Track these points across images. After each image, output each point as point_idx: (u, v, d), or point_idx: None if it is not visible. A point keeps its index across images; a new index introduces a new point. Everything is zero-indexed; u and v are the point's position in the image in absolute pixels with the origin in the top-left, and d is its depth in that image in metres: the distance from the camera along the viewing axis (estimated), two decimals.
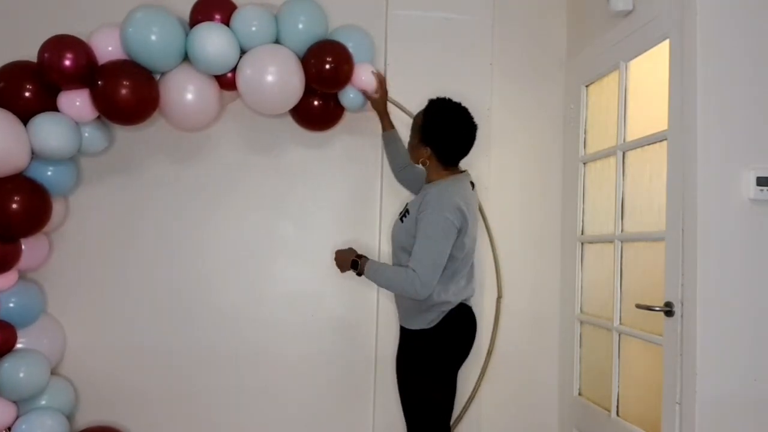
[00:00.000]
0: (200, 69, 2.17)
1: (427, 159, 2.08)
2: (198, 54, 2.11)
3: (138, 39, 2.07)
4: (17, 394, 2.14)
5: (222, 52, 2.12)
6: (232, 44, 2.15)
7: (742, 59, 1.74)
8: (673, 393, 1.78)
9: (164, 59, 2.15)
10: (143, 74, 2.13)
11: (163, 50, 2.11)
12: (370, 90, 2.34)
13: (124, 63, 2.11)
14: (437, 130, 2.06)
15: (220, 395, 2.52)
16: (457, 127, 2.07)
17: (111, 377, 2.47)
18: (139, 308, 2.49)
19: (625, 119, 2.20)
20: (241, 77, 2.18)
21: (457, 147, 2.09)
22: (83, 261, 2.47)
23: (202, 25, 2.13)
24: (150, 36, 2.07)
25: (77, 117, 2.14)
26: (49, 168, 2.18)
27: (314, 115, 2.43)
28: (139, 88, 2.10)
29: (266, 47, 2.20)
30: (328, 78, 2.25)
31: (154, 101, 2.17)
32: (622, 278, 2.18)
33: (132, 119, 2.19)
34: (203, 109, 2.25)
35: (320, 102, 2.39)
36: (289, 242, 2.58)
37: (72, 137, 2.13)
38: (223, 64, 2.16)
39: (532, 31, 2.68)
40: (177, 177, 2.53)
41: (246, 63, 2.18)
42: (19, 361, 2.14)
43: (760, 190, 1.70)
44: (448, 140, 2.07)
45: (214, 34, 2.11)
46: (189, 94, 2.19)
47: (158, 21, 2.09)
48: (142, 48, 2.08)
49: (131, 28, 2.06)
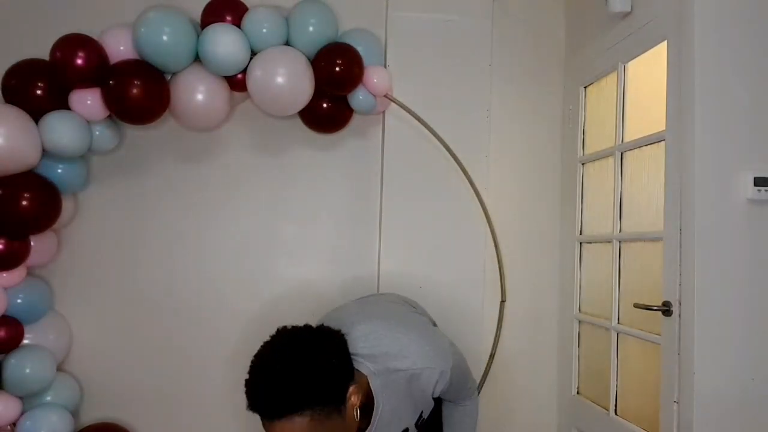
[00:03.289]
0: (211, 70, 2.18)
1: (358, 405, 1.41)
2: (209, 55, 2.12)
3: (150, 39, 2.07)
4: (23, 390, 2.15)
5: (232, 53, 2.12)
6: (242, 45, 2.15)
7: (739, 60, 1.75)
8: (671, 392, 1.79)
9: (175, 60, 2.15)
10: (154, 74, 2.14)
11: (175, 51, 2.12)
12: (381, 93, 2.33)
13: (136, 63, 2.12)
14: (328, 386, 1.34)
15: (225, 394, 2.53)
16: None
17: (116, 375, 2.48)
18: (144, 306, 2.50)
19: (623, 120, 2.21)
20: (251, 78, 2.19)
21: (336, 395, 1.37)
22: (91, 259, 2.48)
23: (213, 26, 2.13)
24: (162, 36, 2.07)
25: (88, 116, 2.15)
26: (60, 166, 2.19)
27: (323, 118, 2.43)
28: (150, 88, 2.11)
29: (276, 49, 2.21)
30: (338, 80, 2.25)
31: (165, 101, 2.19)
32: (621, 278, 2.19)
33: (142, 119, 2.21)
34: (213, 109, 2.26)
35: (329, 104, 2.40)
36: (293, 242, 2.59)
37: (83, 136, 2.14)
38: (233, 65, 2.17)
39: (531, 32, 2.69)
40: (185, 177, 2.54)
41: (256, 64, 2.18)
42: (25, 357, 2.15)
43: (758, 191, 1.71)
44: (333, 387, 1.36)
45: (225, 35, 2.12)
46: (199, 94, 2.20)
47: (170, 21, 2.09)
48: (154, 48, 2.09)
49: (143, 28, 2.07)
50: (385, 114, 2.56)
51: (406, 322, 1.66)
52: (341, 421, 1.34)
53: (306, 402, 1.28)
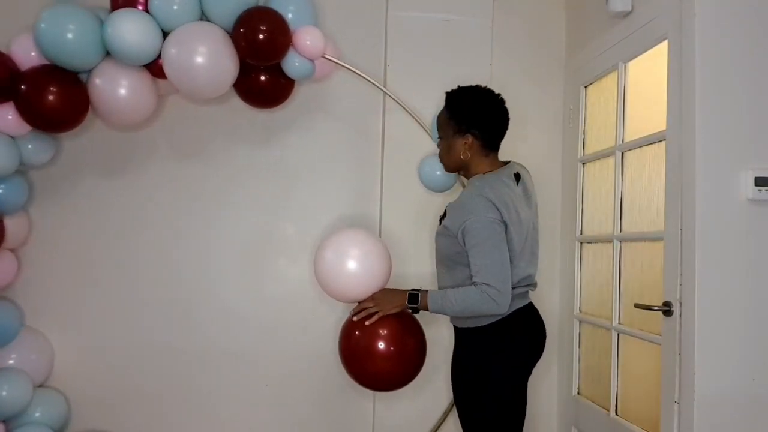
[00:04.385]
0: (123, 61, 2.01)
1: (468, 149, 1.95)
2: (116, 45, 1.94)
3: (52, 39, 1.92)
4: (1, 413, 2.12)
5: (141, 39, 1.95)
6: (151, 28, 1.97)
7: (740, 60, 1.75)
8: (672, 392, 1.79)
9: (84, 56, 1.99)
10: (66, 77, 2.00)
11: (82, 47, 1.95)
12: (316, 56, 2.16)
13: (43, 68, 1.98)
14: (473, 112, 1.95)
15: (219, 397, 2.52)
16: (489, 103, 1.98)
17: (103, 385, 2.46)
18: (129, 314, 2.47)
19: (623, 120, 2.21)
20: (167, 62, 2.01)
21: (496, 123, 1.98)
22: (59, 272, 2.43)
23: (114, 14, 1.96)
24: (65, 34, 1.91)
25: (11, 131, 2.03)
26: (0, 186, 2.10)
27: (261, 92, 2.27)
28: (64, 93, 1.97)
29: (189, 25, 2.03)
30: (261, 49, 2.03)
31: (83, 103, 2.05)
32: (621, 278, 2.19)
33: (62, 126, 2.08)
34: (139, 103, 2.11)
35: (266, 76, 2.21)
36: (289, 242, 2.58)
37: (9, 153, 2.03)
38: (146, 52, 1.99)
39: (532, 32, 2.69)
40: (173, 177, 2.51)
41: (169, 45, 2.00)
42: (1, 380, 2.12)
43: (759, 191, 1.71)
44: (486, 118, 1.96)
45: (129, 20, 1.94)
46: (121, 89, 2.04)
47: (71, 16, 1.93)
48: (59, 48, 1.93)
49: (44, 27, 1.91)
50: (385, 114, 2.56)
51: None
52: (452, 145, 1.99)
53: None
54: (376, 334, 1.98)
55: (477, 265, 1.80)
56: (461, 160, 1.99)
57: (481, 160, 1.98)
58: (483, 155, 1.98)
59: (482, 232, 1.80)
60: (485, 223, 1.81)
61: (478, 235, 1.80)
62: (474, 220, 1.81)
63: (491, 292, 1.77)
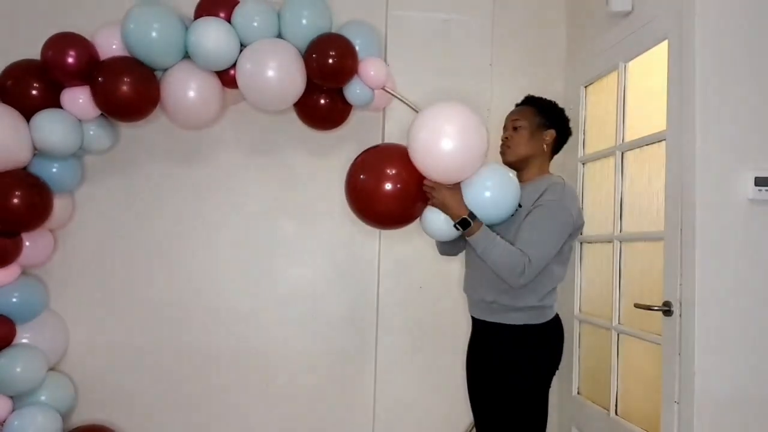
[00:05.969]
0: (200, 64, 2.15)
1: (548, 145, 2.00)
2: (196, 49, 2.10)
3: (138, 35, 2.06)
4: (13, 390, 2.15)
5: (220, 47, 2.10)
6: (231, 38, 2.12)
7: (740, 60, 1.75)
8: (672, 392, 1.79)
9: (165, 55, 2.14)
10: (143, 71, 2.13)
11: (164, 46, 2.10)
12: (378, 86, 2.26)
13: (124, 60, 2.11)
14: (560, 114, 2.04)
15: (221, 396, 2.53)
16: (567, 116, 2.07)
17: (111, 377, 2.48)
18: (142, 307, 2.50)
19: (624, 120, 2.21)
20: (240, 72, 2.15)
21: (569, 132, 2.06)
22: (88, 259, 2.48)
23: (200, 20, 2.12)
24: (150, 32, 2.06)
25: (80, 114, 2.15)
26: (54, 165, 2.19)
27: (320, 113, 2.38)
28: (138, 85, 2.10)
29: (266, 41, 2.17)
30: (330, 72, 2.17)
31: (154, 98, 2.17)
32: (621, 278, 2.19)
33: (131, 116, 2.20)
34: (205, 106, 2.24)
35: (326, 99, 2.35)
36: (290, 242, 2.59)
37: (73, 134, 2.14)
38: (222, 59, 2.14)
39: (532, 31, 2.69)
40: (183, 177, 2.53)
41: (245, 57, 2.15)
42: (17, 357, 2.15)
43: (759, 191, 1.71)
44: (567, 124, 2.05)
45: (212, 28, 2.09)
46: (191, 91, 2.17)
47: (159, 17, 2.08)
48: (143, 44, 2.08)
49: (132, 25, 2.06)
50: (385, 114, 2.56)
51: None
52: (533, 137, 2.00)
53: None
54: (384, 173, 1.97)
55: (532, 239, 1.79)
56: (534, 153, 1.99)
57: (546, 159, 2.03)
58: (549, 156, 2.04)
59: (557, 218, 1.82)
60: (564, 215, 1.83)
61: (551, 217, 1.82)
62: (558, 205, 1.83)
63: (528, 269, 1.76)
